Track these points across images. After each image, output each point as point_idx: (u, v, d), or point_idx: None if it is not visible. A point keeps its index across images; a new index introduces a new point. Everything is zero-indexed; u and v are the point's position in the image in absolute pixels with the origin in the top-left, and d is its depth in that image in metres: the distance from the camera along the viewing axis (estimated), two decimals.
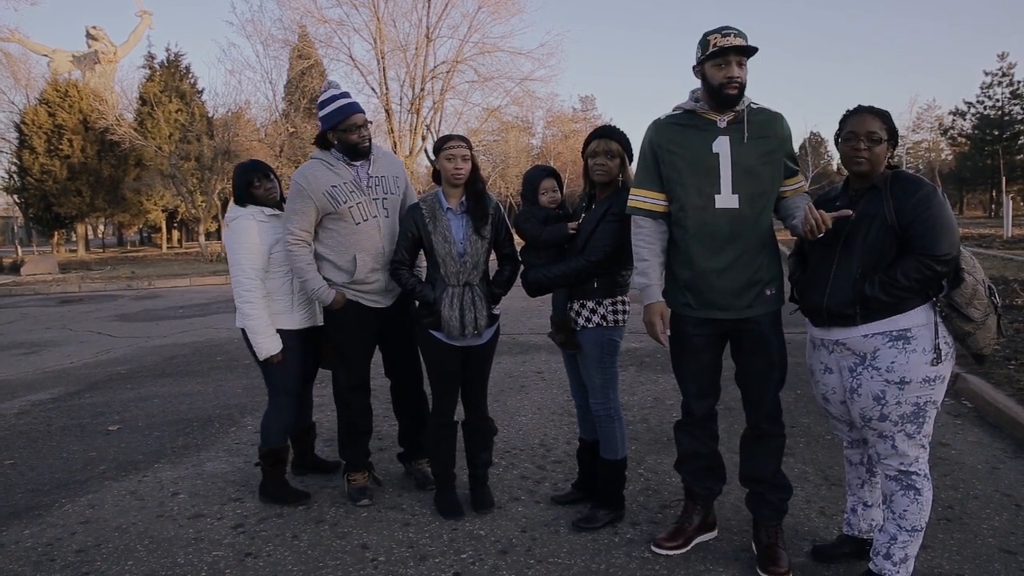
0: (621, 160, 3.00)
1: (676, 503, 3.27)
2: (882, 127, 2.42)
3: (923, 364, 2.36)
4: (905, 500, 2.45)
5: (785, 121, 2.68)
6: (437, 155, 3.12)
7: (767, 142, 2.62)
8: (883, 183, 2.43)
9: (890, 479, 2.49)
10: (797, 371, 3.85)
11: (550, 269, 3.05)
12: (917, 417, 2.41)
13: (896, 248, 2.37)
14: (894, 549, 2.46)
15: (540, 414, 4.89)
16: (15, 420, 5.17)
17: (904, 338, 2.37)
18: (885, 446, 2.47)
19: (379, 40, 26.12)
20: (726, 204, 2.60)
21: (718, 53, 2.51)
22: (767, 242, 2.66)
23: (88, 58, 32.00)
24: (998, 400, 4.49)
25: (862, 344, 2.44)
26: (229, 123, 24.69)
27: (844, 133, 2.48)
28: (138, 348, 8.07)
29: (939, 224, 2.30)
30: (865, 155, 2.41)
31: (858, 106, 2.51)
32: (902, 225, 2.34)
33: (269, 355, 3.37)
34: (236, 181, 3.54)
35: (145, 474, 3.96)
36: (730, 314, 2.65)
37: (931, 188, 2.36)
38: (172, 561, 2.93)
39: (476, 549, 2.96)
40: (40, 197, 28.03)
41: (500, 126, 32.40)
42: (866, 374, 2.44)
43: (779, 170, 2.65)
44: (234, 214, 3.49)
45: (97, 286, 15.94)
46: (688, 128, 2.66)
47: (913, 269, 2.31)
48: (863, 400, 2.46)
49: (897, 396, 2.39)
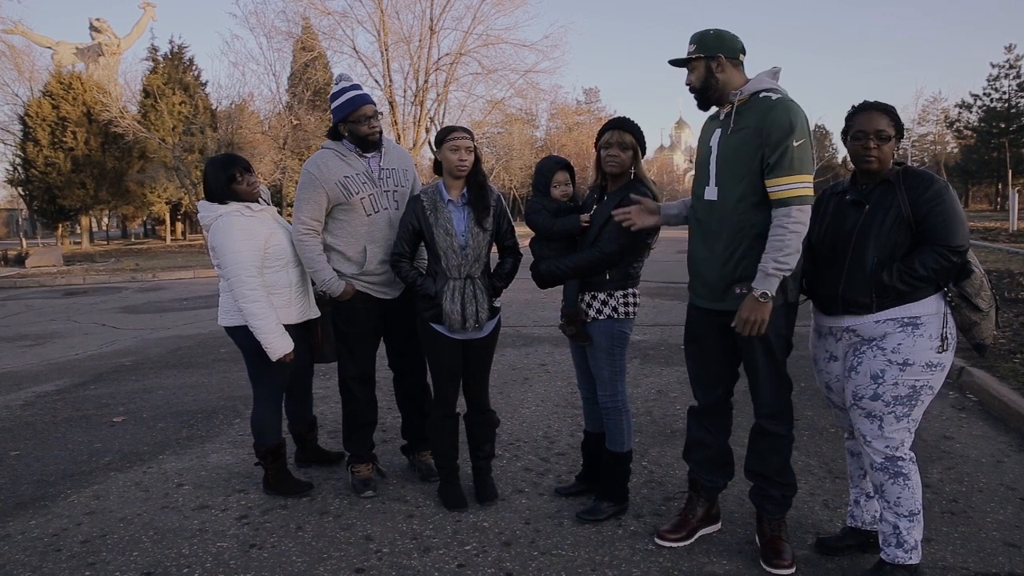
0: (634, 152, 2.99)
1: (680, 496, 3.27)
2: (889, 124, 2.47)
3: (927, 349, 2.42)
4: (896, 487, 2.48)
5: (780, 110, 2.48)
6: (440, 146, 3.10)
7: (744, 134, 2.56)
8: (896, 178, 2.48)
9: (877, 469, 2.52)
10: (800, 364, 3.83)
11: (562, 261, 3.04)
12: (910, 400, 2.45)
13: (910, 240, 2.43)
14: (902, 537, 2.49)
15: (544, 406, 4.89)
16: (21, 411, 5.19)
17: (914, 324, 2.43)
18: (871, 427, 2.49)
19: (383, 32, 26.06)
20: (709, 196, 2.68)
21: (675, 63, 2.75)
22: (747, 239, 2.56)
23: (92, 50, 31.93)
24: (1003, 394, 4.48)
25: (873, 329, 2.49)
26: (233, 116, 24.65)
27: (852, 131, 2.52)
28: (142, 340, 8.09)
29: (953, 217, 2.38)
30: (875, 154, 2.46)
31: (864, 102, 2.54)
32: (917, 218, 2.41)
33: (283, 354, 3.25)
34: (213, 177, 3.27)
35: (150, 465, 3.98)
36: (715, 305, 2.70)
37: (943, 183, 2.43)
38: (177, 552, 2.95)
39: (480, 541, 2.97)
40: (44, 189, 28.04)
41: (504, 118, 32.36)
42: (869, 352, 2.49)
43: (754, 163, 2.51)
44: (215, 212, 3.26)
45: (101, 278, 15.96)
46: (711, 121, 2.79)
47: (931, 259, 2.38)
48: (860, 378, 2.50)
49: (896, 377, 2.43)
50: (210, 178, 3.30)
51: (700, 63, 2.64)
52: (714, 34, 2.64)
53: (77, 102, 27.75)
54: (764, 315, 2.52)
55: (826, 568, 2.68)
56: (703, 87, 2.67)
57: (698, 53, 2.63)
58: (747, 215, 2.57)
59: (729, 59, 2.63)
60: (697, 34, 2.67)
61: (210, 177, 3.30)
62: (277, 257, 3.31)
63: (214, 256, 3.29)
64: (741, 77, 2.65)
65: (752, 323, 2.52)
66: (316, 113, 24.97)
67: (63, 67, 29.99)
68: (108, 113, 24.03)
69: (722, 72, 2.63)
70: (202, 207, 3.33)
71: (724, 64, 2.62)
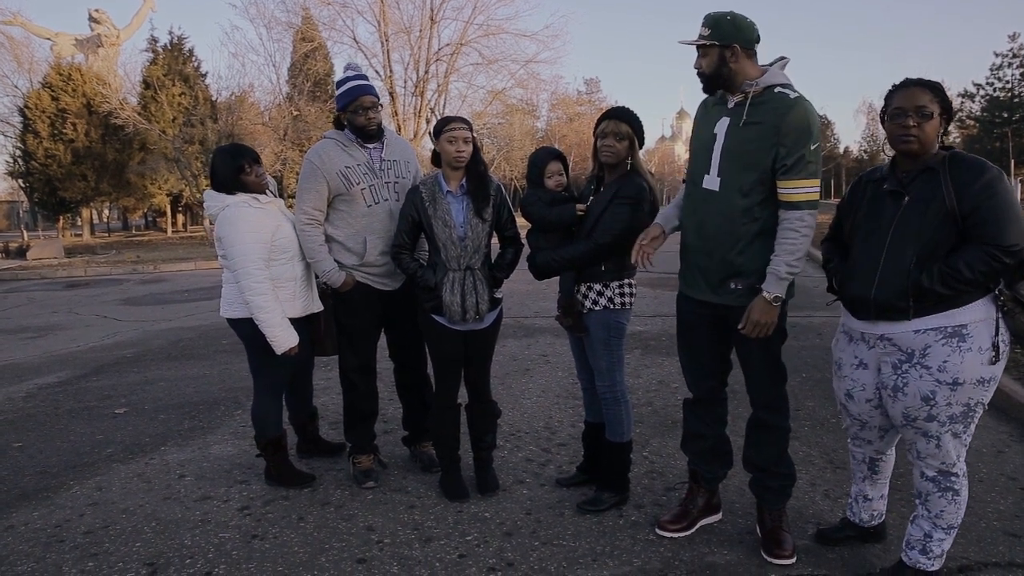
0: (631, 142, 2.95)
1: (681, 486, 3.27)
2: (933, 100, 2.20)
3: (978, 364, 2.18)
4: (943, 501, 2.34)
5: (799, 111, 2.41)
6: (438, 137, 3.08)
7: (761, 129, 2.46)
8: (940, 165, 2.21)
9: (927, 479, 2.36)
10: (801, 355, 3.84)
11: (558, 252, 3.03)
12: (965, 417, 2.26)
13: (955, 236, 2.17)
14: (930, 545, 2.38)
15: (545, 397, 4.90)
16: (23, 403, 5.20)
17: (959, 335, 2.19)
18: (928, 445, 2.32)
19: (383, 22, 25.96)
20: (709, 185, 2.60)
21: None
22: (747, 233, 2.53)
23: (91, 41, 31.83)
24: (1004, 384, 4.47)
25: (911, 340, 2.25)
26: (233, 107, 24.57)
27: (890, 110, 2.27)
28: (144, 332, 8.10)
29: (1007, 212, 2.10)
30: (915, 132, 2.20)
31: (905, 79, 2.29)
32: (963, 212, 2.14)
33: (289, 347, 3.23)
34: (221, 168, 3.24)
35: (152, 457, 3.99)
36: (707, 296, 2.66)
37: (997, 172, 2.16)
38: (179, 543, 2.96)
39: (481, 531, 2.98)
40: (45, 181, 28.01)
41: (504, 109, 32.28)
42: (914, 372, 2.26)
43: (766, 160, 2.46)
44: (222, 202, 3.23)
45: (103, 270, 15.97)
46: (713, 107, 2.66)
47: (979, 261, 2.11)
48: (909, 400, 2.28)
49: (948, 397, 2.21)
50: (218, 168, 3.27)
51: (714, 50, 2.50)
52: (731, 20, 2.48)
53: (77, 94, 27.68)
54: (774, 318, 2.51)
55: (827, 558, 2.69)
56: (714, 74, 2.53)
57: (713, 40, 2.48)
58: (750, 211, 2.52)
59: (744, 49, 2.49)
60: (712, 17, 2.50)
61: (218, 167, 3.27)
62: (284, 250, 3.29)
63: (220, 247, 3.27)
64: (754, 67, 2.52)
65: (763, 326, 2.49)
66: (316, 104, 24.90)
67: (62, 58, 29.91)
68: (108, 104, 23.99)
69: (736, 62, 2.49)
70: (208, 197, 3.30)
71: (739, 53, 2.48)
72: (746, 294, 2.56)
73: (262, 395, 3.45)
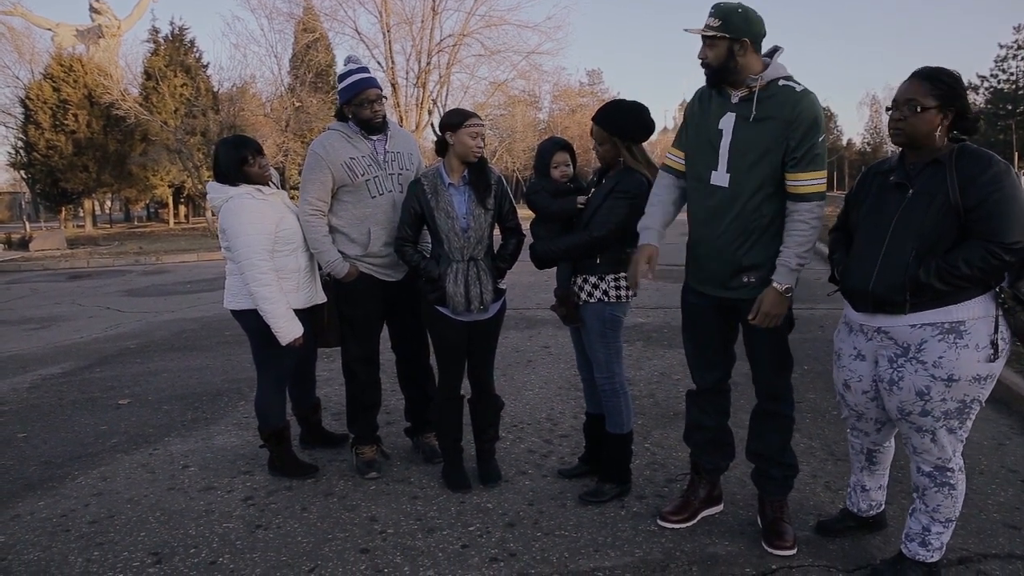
0: (613, 144, 2.97)
1: (682, 477, 3.28)
2: (928, 93, 2.16)
3: (974, 361, 2.16)
4: (940, 496, 2.34)
5: (807, 104, 2.43)
6: (456, 129, 3.05)
7: (770, 124, 2.45)
8: (947, 158, 2.18)
9: (923, 474, 2.36)
10: (803, 347, 3.85)
11: (555, 242, 3.06)
12: (961, 413, 2.24)
13: (957, 231, 2.14)
14: (929, 538, 2.38)
15: (547, 388, 4.91)
16: (27, 394, 5.22)
17: (956, 332, 2.17)
18: (923, 440, 2.31)
19: (385, 13, 25.89)
20: (718, 182, 2.56)
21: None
22: (758, 228, 2.53)
23: (92, 32, 31.75)
24: (1005, 376, 4.46)
25: (908, 334, 2.25)
26: (235, 98, 24.56)
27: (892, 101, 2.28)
28: (147, 323, 8.12)
29: (1011, 207, 2.07)
30: (900, 125, 2.21)
31: (914, 71, 2.24)
32: (967, 206, 2.10)
33: (293, 339, 3.23)
34: (225, 158, 3.24)
35: (156, 447, 4.01)
36: (718, 291, 2.66)
37: (1004, 166, 2.12)
38: (184, 533, 2.98)
39: (483, 522, 2.99)
40: (47, 173, 27.99)
41: (507, 100, 32.24)
42: (909, 367, 2.25)
43: (777, 154, 2.45)
44: (226, 193, 3.23)
45: (105, 261, 15.99)
46: (711, 100, 2.62)
47: (977, 257, 2.08)
48: (904, 394, 2.28)
49: (943, 393, 2.21)
50: (222, 159, 3.27)
51: (723, 42, 2.44)
52: (743, 13, 2.44)
53: (78, 84, 27.62)
54: (784, 309, 2.52)
55: (828, 549, 2.70)
56: (721, 68, 2.48)
57: (723, 32, 2.43)
58: (762, 205, 2.52)
59: (753, 44, 2.46)
60: (723, 8, 2.45)
61: (222, 158, 3.27)
62: (287, 241, 3.29)
63: (224, 239, 3.27)
64: (758, 61, 2.49)
65: (774, 317, 2.50)
66: (318, 95, 24.88)
67: (63, 49, 29.83)
68: (109, 95, 23.96)
69: (744, 56, 2.45)
70: (212, 188, 3.30)
71: (747, 48, 2.44)
72: (758, 287, 2.56)
73: (266, 386, 3.46)
